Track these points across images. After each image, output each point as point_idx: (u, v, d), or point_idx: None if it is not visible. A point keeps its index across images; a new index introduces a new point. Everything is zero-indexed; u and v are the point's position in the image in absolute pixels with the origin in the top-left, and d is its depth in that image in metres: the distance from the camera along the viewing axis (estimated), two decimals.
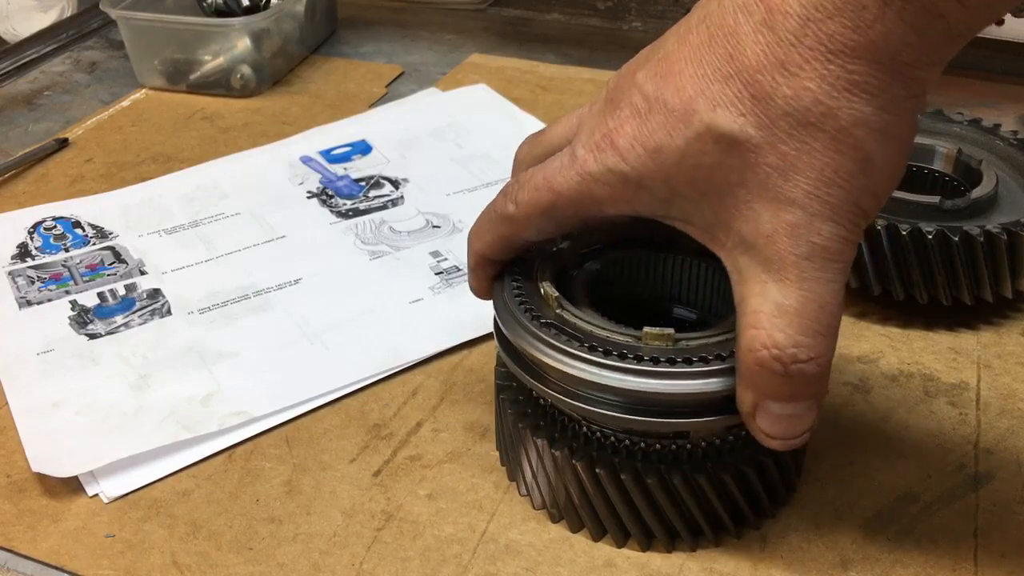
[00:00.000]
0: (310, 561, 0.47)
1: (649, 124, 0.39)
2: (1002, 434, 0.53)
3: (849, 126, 0.36)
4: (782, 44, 0.36)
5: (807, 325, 0.38)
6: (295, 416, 0.56)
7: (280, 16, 0.94)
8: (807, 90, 0.36)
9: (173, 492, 0.51)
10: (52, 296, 0.66)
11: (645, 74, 0.40)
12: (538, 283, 0.47)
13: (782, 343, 0.38)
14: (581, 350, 0.43)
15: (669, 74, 0.39)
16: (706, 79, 0.37)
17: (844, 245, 0.38)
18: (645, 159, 0.39)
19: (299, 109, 0.90)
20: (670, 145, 0.38)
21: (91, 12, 1.11)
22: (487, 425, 0.54)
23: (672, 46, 0.39)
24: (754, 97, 0.36)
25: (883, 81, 0.36)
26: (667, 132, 0.38)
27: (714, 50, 0.37)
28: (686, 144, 0.38)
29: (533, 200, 0.44)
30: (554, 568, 0.46)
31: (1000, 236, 0.57)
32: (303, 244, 0.71)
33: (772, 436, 0.41)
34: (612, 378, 0.42)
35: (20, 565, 0.48)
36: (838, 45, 0.35)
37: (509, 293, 0.47)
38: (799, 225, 0.37)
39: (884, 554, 0.46)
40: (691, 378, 0.42)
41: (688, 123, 0.38)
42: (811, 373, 0.39)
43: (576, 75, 0.96)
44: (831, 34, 0.35)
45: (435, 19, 1.11)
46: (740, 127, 0.37)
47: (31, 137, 0.87)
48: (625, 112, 0.40)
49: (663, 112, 0.39)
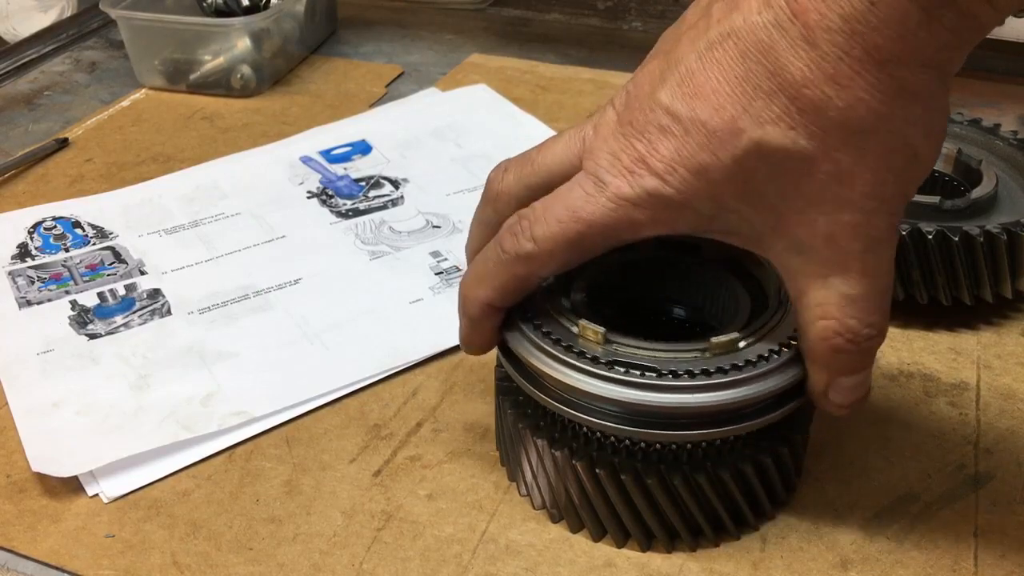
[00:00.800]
0: (310, 561, 0.47)
1: (689, 145, 0.39)
2: (1002, 434, 0.53)
3: (902, 128, 0.38)
4: (828, 59, 0.36)
5: (873, 308, 0.41)
6: (295, 416, 0.56)
7: (280, 16, 0.94)
8: (861, 100, 0.37)
9: (173, 492, 0.51)
10: (52, 296, 0.66)
11: (670, 94, 0.39)
12: (539, 289, 0.47)
13: (855, 328, 0.41)
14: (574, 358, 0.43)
15: (700, 94, 0.39)
16: (747, 96, 0.38)
17: (893, 232, 0.40)
18: (690, 180, 0.39)
19: (299, 109, 0.90)
20: (716, 164, 0.39)
21: (91, 12, 1.11)
22: (487, 425, 0.54)
23: (695, 64, 0.39)
24: (802, 111, 0.37)
25: (931, 83, 0.37)
26: (711, 152, 0.39)
27: (749, 67, 0.38)
28: (734, 162, 0.38)
29: (558, 234, 0.42)
30: (554, 568, 0.46)
31: (1000, 236, 0.57)
32: (303, 244, 0.71)
33: (845, 406, 0.43)
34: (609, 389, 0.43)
35: (20, 565, 0.48)
36: (886, 55, 0.36)
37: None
38: (858, 224, 0.39)
39: (884, 554, 0.46)
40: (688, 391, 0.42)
41: (734, 142, 0.38)
42: (876, 347, 0.42)
43: (576, 75, 0.96)
44: (878, 45, 0.36)
45: (435, 19, 1.11)
46: (792, 140, 0.38)
47: (31, 137, 0.87)
48: (654, 134, 0.40)
49: (703, 133, 0.39)
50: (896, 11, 0.35)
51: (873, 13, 0.35)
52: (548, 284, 0.48)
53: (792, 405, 0.45)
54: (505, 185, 0.47)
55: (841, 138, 0.37)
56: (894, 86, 0.37)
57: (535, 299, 0.47)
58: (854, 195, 0.38)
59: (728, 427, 0.43)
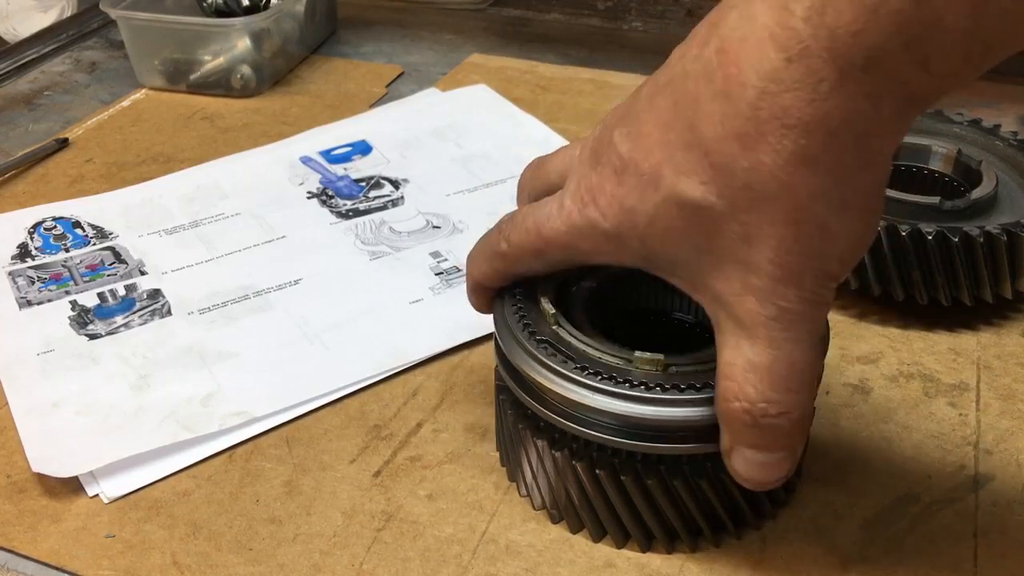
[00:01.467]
0: (310, 561, 0.47)
1: (624, 185, 0.40)
2: (1002, 435, 0.53)
3: (805, 199, 0.36)
4: (739, 116, 0.35)
5: (777, 382, 0.39)
6: (295, 416, 0.56)
7: (280, 16, 0.94)
8: (763, 164, 0.36)
9: (173, 492, 0.51)
10: (52, 296, 0.66)
11: (620, 133, 0.40)
12: (539, 298, 0.47)
13: (752, 397, 0.39)
14: (568, 369, 0.44)
15: (639, 136, 0.39)
16: (671, 146, 0.38)
17: (811, 307, 0.38)
18: (622, 218, 0.40)
19: (299, 109, 0.90)
20: (641, 209, 0.39)
21: (91, 12, 1.11)
22: (487, 426, 0.54)
23: (643, 106, 0.40)
24: (714, 166, 0.37)
25: (838, 154, 0.35)
26: (639, 195, 0.39)
27: (678, 116, 0.38)
28: (655, 209, 0.39)
29: (523, 242, 0.45)
30: (554, 569, 0.46)
31: (1000, 237, 0.57)
32: (303, 244, 0.71)
33: (745, 479, 0.42)
34: (600, 401, 0.43)
35: (20, 565, 0.48)
36: (792, 119, 0.35)
37: (509, 307, 0.48)
38: (764, 289, 0.38)
39: (884, 554, 0.46)
40: (679, 405, 0.42)
41: (656, 188, 0.38)
42: (782, 427, 0.40)
43: (576, 75, 0.96)
44: (786, 107, 0.34)
45: (435, 19, 1.11)
46: (702, 195, 0.37)
47: (31, 137, 0.87)
48: (606, 169, 0.41)
49: (635, 175, 0.39)
50: (810, 72, 0.34)
51: (787, 71, 0.34)
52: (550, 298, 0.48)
53: None
54: (523, 180, 0.51)
55: (747, 200, 0.36)
56: (797, 154, 0.35)
57: (532, 313, 0.47)
58: (760, 259, 0.37)
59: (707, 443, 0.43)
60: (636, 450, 0.44)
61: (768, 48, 0.34)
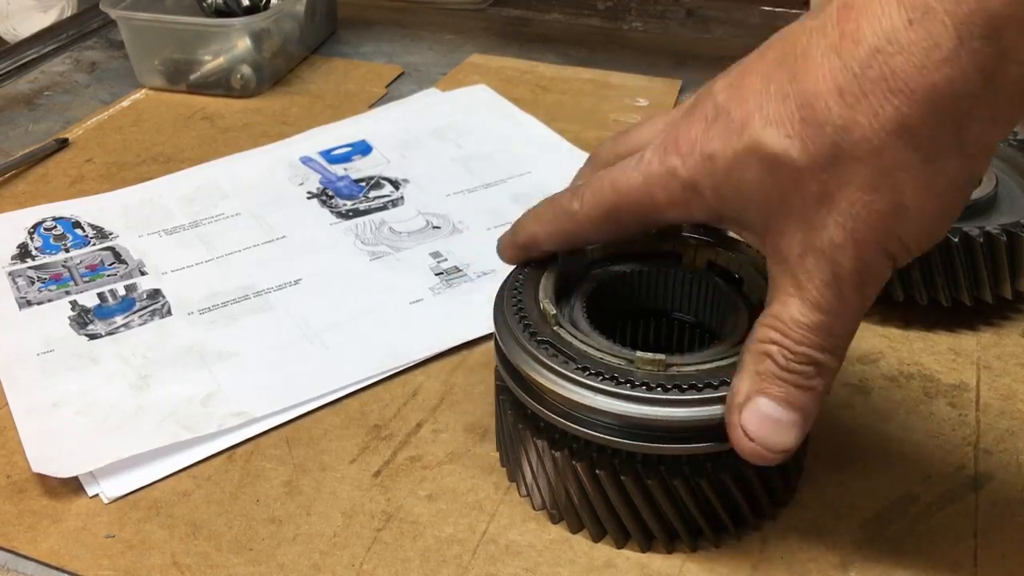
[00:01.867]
0: (310, 561, 0.47)
1: (711, 131, 0.39)
2: (1002, 435, 0.53)
3: (890, 168, 0.36)
4: (845, 72, 0.35)
5: (818, 343, 0.39)
6: (295, 417, 0.56)
7: (280, 16, 0.94)
8: (857, 124, 0.35)
9: (173, 492, 0.51)
10: (52, 296, 0.66)
11: (723, 83, 0.40)
12: (538, 298, 0.47)
13: (790, 345, 0.39)
14: (570, 369, 0.43)
15: (740, 86, 0.39)
16: (767, 95, 0.38)
17: (866, 279, 0.38)
18: (699, 165, 0.40)
19: (299, 109, 0.90)
20: (722, 155, 0.39)
21: (91, 12, 1.11)
22: (487, 426, 0.54)
23: (752, 58, 0.40)
24: (804, 120, 0.36)
25: (935, 130, 0.35)
26: (722, 142, 0.39)
27: (782, 68, 0.37)
28: (734, 156, 0.39)
29: (597, 200, 0.44)
30: (554, 569, 0.46)
31: (1000, 237, 0.57)
32: (303, 244, 0.71)
33: (751, 436, 0.40)
34: (601, 402, 0.43)
35: (20, 565, 0.48)
36: (899, 83, 0.34)
37: (509, 308, 0.47)
38: (825, 252, 0.38)
39: (884, 555, 0.46)
40: (681, 406, 0.42)
41: (740, 136, 0.38)
42: (809, 383, 0.40)
43: (576, 75, 0.96)
44: (896, 70, 0.34)
45: (435, 19, 1.11)
46: (784, 149, 0.37)
47: (31, 137, 0.87)
48: (697, 117, 0.40)
49: (725, 121, 0.39)
50: (928, 36, 0.33)
51: (906, 33, 0.34)
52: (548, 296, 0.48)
53: None
54: (600, 149, 0.50)
55: (829, 159, 0.36)
56: (895, 120, 0.35)
57: (533, 314, 0.47)
58: (829, 222, 0.37)
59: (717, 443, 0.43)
60: (637, 451, 0.44)
61: (892, 7, 0.34)
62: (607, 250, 0.52)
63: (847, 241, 0.37)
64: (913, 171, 0.36)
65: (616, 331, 0.52)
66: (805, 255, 0.38)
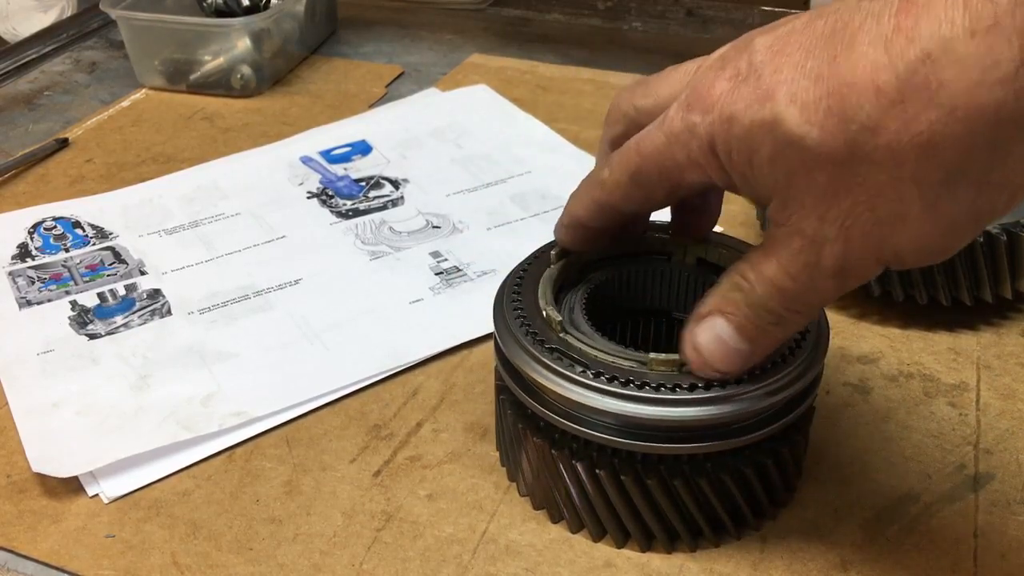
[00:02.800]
0: (310, 561, 0.47)
1: (738, 91, 0.37)
2: (1002, 434, 0.53)
3: (905, 179, 0.34)
4: (889, 70, 0.33)
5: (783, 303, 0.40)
6: (295, 416, 0.56)
7: (280, 16, 0.94)
8: (885, 128, 0.33)
9: (173, 492, 0.51)
10: (52, 296, 0.66)
11: (763, 41, 0.38)
12: (540, 305, 0.47)
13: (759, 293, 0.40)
14: (585, 376, 0.43)
15: (780, 51, 0.36)
16: (802, 70, 0.35)
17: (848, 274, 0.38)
18: (718, 124, 0.38)
19: (299, 109, 0.90)
20: (741, 119, 0.37)
21: (91, 12, 1.11)
22: (487, 425, 0.54)
23: (799, 24, 0.37)
24: (830, 110, 0.34)
25: (966, 155, 0.33)
26: (745, 105, 0.37)
27: (827, 46, 0.35)
28: (751, 124, 0.37)
29: (624, 163, 0.43)
30: (554, 568, 0.46)
31: (1000, 237, 0.57)
32: (303, 244, 0.71)
33: (699, 348, 0.42)
34: (617, 405, 0.43)
35: (20, 565, 0.48)
36: (943, 98, 0.32)
37: (510, 313, 0.47)
38: (815, 241, 0.37)
39: (884, 554, 0.46)
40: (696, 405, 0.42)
41: (762, 105, 0.36)
42: (768, 320, 0.40)
43: (576, 75, 0.96)
44: (943, 83, 0.32)
45: (435, 19, 1.11)
46: (803, 133, 0.35)
47: (31, 137, 0.87)
48: (727, 72, 0.38)
49: (754, 84, 0.37)
50: (988, 53, 0.31)
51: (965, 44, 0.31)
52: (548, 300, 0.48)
53: (791, 417, 0.45)
54: (618, 100, 0.47)
55: (846, 155, 0.35)
56: (927, 134, 0.32)
57: (537, 321, 0.47)
58: (828, 214, 0.36)
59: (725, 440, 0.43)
60: (650, 451, 0.44)
61: (957, 12, 0.31)
62: (600, 252, 0.52)
63: (838, 238, 0.37)
64: (928, 189, 0.34)
65: (616, 331, 0.52)
66: (794, 235, 0.38)
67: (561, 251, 0.50)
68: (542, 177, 0.78)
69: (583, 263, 0.51)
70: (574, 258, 0.50)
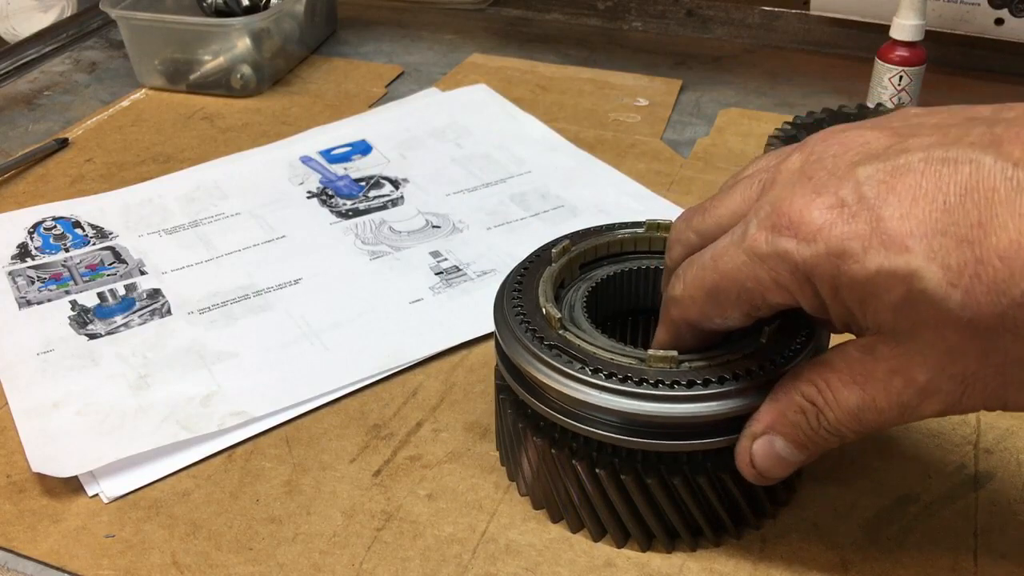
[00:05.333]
0: (310, 561, 0.47)
1: (848, 226, 0.35)
2: (1002, 434, 0.53)
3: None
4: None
5: (855, 428, 0.40)
6: (295, 416, 0.56)
7: (280, 16, 0.94)
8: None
9: (173, 492, 0.51)
10: (52, 296, 0.66)
11: (871, 171, 0.36)
12: (539, 302, 0.47)
13: (831, 419, 0.40)
14: (584, 373, 0.43)
15: (894, 190, 0.35)
16: (938, 226, 0.34)
17: (939, 415, 0.38)
18: (822, 258, 0.36)
19: (299, 109, 0.91)
20: (859, 261, 0.35)
21: (91, 12, 1.11)
22: (487, 425, 0.54)
23: (918, 165, 0.35)
24: (979, 277, 0.33)
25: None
26: (863, 246, 0.35)
27: (964, 204, 0.34)
28: (877, 271, 0.35)
29: (698, 280, 0.41)
30: (554, 568, 0.46)
31: None
32: (303, 244, 0.71)
33: (755, 464, 0.42)
34: (614, 401, 0.43)
35: (20, 565, 0.48)
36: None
37: (510, 311, 0.47)
38: (923, 391, 0.37)
39: (884, 554, 0.46)
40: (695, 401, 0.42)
41: (891, 253, 0.35)
42: (826, 444, 0.41)
43: (576, 75, 0.96)
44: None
45: (435, 19, 1.11)
46: (944, 295, 0.34)
47: (31, 137, 0.87)
48: (825, 199, 0.36)
49: (870, 224, 0.35)
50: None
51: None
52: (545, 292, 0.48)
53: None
54: (675, 228, 0.45)
55: (990, 327, 0.34)
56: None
57: (537, 318, 0.47)
58: (945, 374, 0.36)
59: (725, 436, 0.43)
60: (650, 449, 0.44)
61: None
62: (598, 252, 0.52)
63: (953, 392, 0.36)
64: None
65: (616, 330, 0.52)
66: (897, 375, 0.37)
67: (563, 248, 0.50)
68: (542, 177, 0.78)
69: (584, 261, 0.51)
70: (576, 255, 0.51)
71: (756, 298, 0.39)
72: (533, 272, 0.49)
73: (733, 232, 0.40)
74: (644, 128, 0.86)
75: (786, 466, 0.42)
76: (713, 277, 0.40)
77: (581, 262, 0.51)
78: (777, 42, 1.05)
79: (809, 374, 0.40)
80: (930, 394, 0.37)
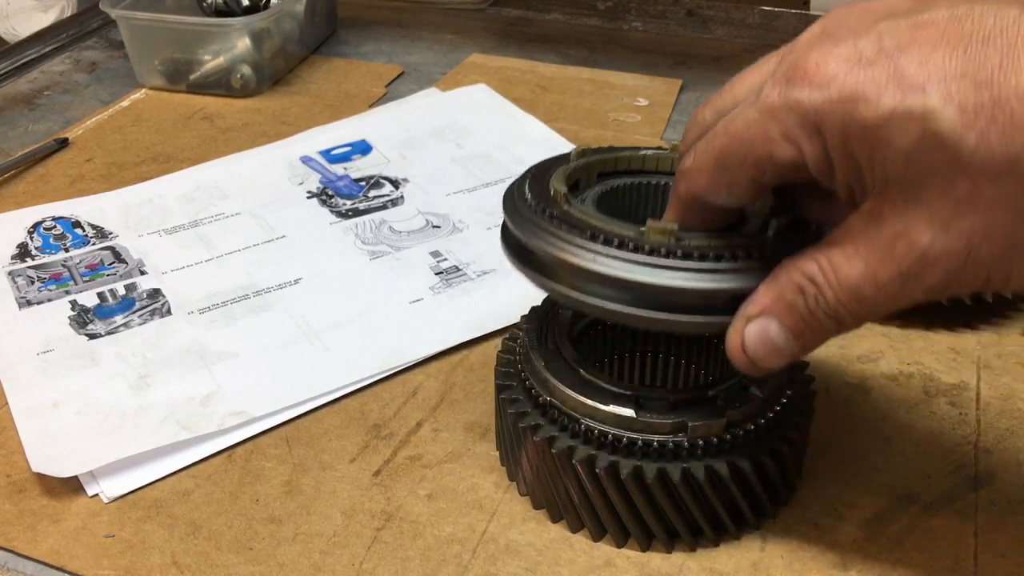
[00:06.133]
0: (310, 561, 0.47)
1: (864, 72, 0.34)
2: (1002, 434, 0.53)
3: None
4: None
5: (855, 308, 0.38)
6: (295, 416, 0.56)
7: (280, 16, 0.94)
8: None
9: (173, 492, 0.51)
10: (52, 296, 0.66)
11: (891, 25, 0.35)
12: (549, 183, 0.46)
13: (830, 299, 0.38)
14: (582, 238, 0.42)
15: (919, 41, 0.34)
16: (957, 71, 0.33)
17: (945, 290, 0.36)
18: (834, 103, 0.35)
19: (299, 109, 0.91)
20: (873, 103, 0.34)
21: (91, 12, 1.11)
22: (487, 425, 0.54)
23: (941, 17, 0.34)
24: (994, 119, 0.32)
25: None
26: (878, 89, 0.34)
27: (987, 49, 0.33)
28: (891, 113, 0.34)
29: (708, 148, 0.40)
30: (554, 568, 0.46)
31: None
32: (303, 244, 0.71)
33: (747, 349, 0.40)
34: (612, 266, 0.41)
35: (20, 565, 0.48)
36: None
37: (519, 193, 0.46)
38: (927, 254, 0.35)
39: (884, 554, 0.46)
40: (688, 272, 0.41)
41: (908, 94, 0.34)
42: (822, 329, 0.39)
43: (576, 75, 0.96)
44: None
45: (435, 19, 1.11)
46: (959, 136, 0.33)
47: (31, 137, 0.87)
48: (842, 51, 0.35)
49: (888, 70, 0.34)
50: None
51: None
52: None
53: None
54: (696, 113, 0.44)
55: (1004, 168, 0.33)
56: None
57: (543, 195, 0.45)
58: (953, 228, 0.34)
59: (721, 316, 0.41)
60: (647, 327, 0.42)
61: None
62: (618, 164, 0.50)
63: (957, 253, 0.35)
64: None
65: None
66: (898, 239, 0.35)
67: (581, 151, 0.48)
68: None
69: (604, 171, 0.50)
70: (595, 162, 0.49)
71: (763, 158, 0.38)
72: (548, 169, 0.48)
73: (747, 98, 0.39)
74: (644, 128, 0.86)
75: (779, 354, 0.40)
76: (723, 140, 0.39)
77: (600, 171, 0.50)
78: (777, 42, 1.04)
79: (811, 251, 0.39)
80: (932, 260, 0.35)
